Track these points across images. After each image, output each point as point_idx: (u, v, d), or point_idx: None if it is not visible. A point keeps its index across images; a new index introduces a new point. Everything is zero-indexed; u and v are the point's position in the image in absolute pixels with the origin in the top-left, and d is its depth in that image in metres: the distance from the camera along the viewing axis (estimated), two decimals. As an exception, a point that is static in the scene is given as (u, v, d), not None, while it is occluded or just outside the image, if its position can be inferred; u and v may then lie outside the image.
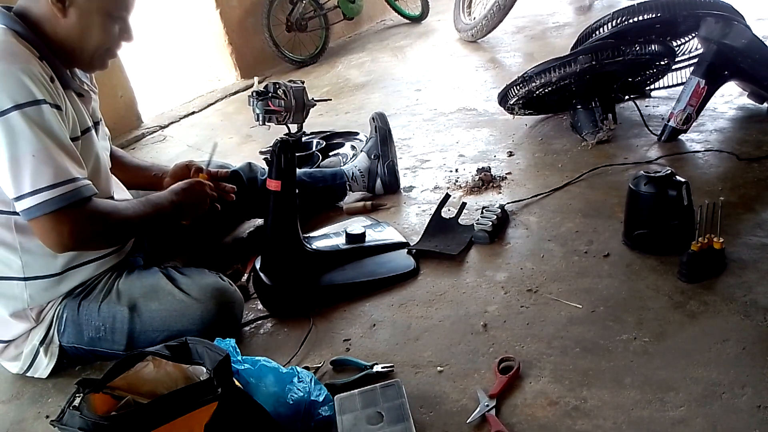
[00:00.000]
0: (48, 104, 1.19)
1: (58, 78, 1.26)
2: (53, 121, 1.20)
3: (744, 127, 2.07)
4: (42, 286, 1.37)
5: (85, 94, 1.39)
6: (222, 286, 1.45)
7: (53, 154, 1.18)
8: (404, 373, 1.26)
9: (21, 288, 1.36)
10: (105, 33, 1.30)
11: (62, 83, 1.28)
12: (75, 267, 1.39)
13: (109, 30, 1.31)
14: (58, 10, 1.24)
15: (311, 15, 4.29)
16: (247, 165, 1.89)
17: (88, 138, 1.35)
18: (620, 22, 2.12)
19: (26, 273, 1.35)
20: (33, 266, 1.34)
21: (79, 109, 1.34)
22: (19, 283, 1.36)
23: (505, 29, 3.86)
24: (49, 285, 1.37)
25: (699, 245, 1.33)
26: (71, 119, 1.29)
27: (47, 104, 1.19)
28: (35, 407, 1.39)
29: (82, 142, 1.32)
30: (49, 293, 1.38)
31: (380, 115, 2.10)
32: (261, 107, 1.42)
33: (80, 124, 1.33)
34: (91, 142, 1.37)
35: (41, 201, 1.17)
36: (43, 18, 1.26)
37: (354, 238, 1.67)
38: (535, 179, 1.98)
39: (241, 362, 1.12)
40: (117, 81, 3.38)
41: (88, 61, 1.33)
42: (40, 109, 1.17)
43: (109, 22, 1.30)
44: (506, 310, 1.39)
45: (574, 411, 1.09)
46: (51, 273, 1.36)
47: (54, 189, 1.18)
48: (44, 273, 1.36)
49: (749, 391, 1.06)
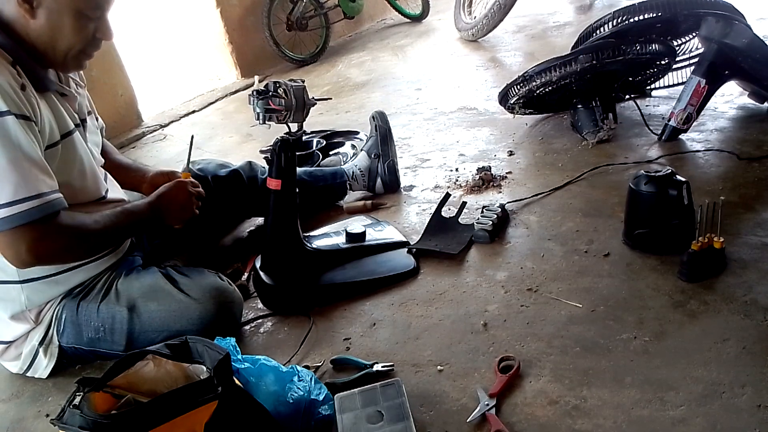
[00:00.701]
0: (13, 115, 1.14)
1: (33, 82, 1.21)
2: (19, 132, 1.14)
3: (744, 126, 2.07)
4: (38, 288, 1.36)
5: (68, 93, 1.35)
6: (221, 286, 1.45)
7: (16, 168, 1.14)
8: (404, 372, 1.26)
9: (18, 291, 1.36)
10: (77, 33, 1.24)
11: (39, 87, 1.24)
12: (72, 269, 1.38)
13: (82, 30, 1.24)
14: (26, 11, 1.19)
15: (312, 14, 4.29)
16: (247, 164, 1.89)
17: (70, 141, 1.31)
18: (621, 22, 2.12)
19: (21, 276, 1.34)
20: (28, 269, 1.33)
21: (60, 111, 1.30)
22: (15, 286, 1.35)
23: (505, 28, 3.86)
24: (45, 287, 1.37)
25: (699, 245, 1.33)
26: (48, 126, 1.24)
27: (12, 115, 1.14)
28: (35, 406, 1.39)
29: (63, 147, 1.28)
30: (46, 294, 1.38)
31: (380, 114, 2.10)
32: (261, 106, 1.41)
33: (60, 128, 1.28)
34: (74, 145, 1.32)
35: None
36: (13, 20, 1.20)
37: (354, 237, 1.67)
38: (535, 178, 1.98)
39: (241, 361, 1.12)
40: (117, 80, 3.38)
41: (62, 62, 1.27)
42: (3, 121, 1.13)
43: (81, 22, 1.24)
44: (506, 309, 1.39)
45: (574, 410, 1.09)
46: (46, 275, 1.36)
47: (13, 206, 1.14)
48: (39, 275, 1.35)
49: (749, 391, 1.06)
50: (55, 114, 1.28)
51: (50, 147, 1.25)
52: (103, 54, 3.27)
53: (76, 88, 1.41)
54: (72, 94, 1.37)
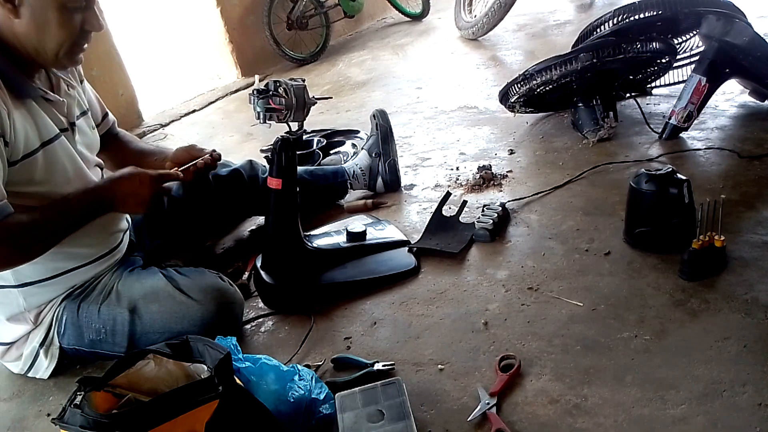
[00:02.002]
0: None
1: (11, 90, 1.20)
2: None
3: (745, 124, 2.07)
4: (36, 291, 1.36)
5: (54, 99, 1.31)
6: (222, 286, 1.45)
7: None
8: (405, 371, 1.26)
9: (15, 294, 1.35)
10: (64, 28, 1.21)
11: (19, 95, 1.22)
12: (67, 272, 1.38)
13: (68, 23, 1.21)
14: (9, 12, 1.17)
15: (312, 13, 4.28)
16: (248, 163, 1.89)
17: (52, 149, 1.28)
18: (621, 20, 2.12)
19: (17, 280, 1.34)
20: (23, 273, 1.33)
21: (42, 118, 1.27)
22: (12, 290, 1.35)
23: (506, 27, 3.85)
24: (42, 289, 1.37)
25: (700, 243, 1.33)
26: (22, 137, 1.21)
27: None
28: (36, 405, 1.39)
29: (43, 155, 1.26)
30: (44, 296, 1.38)
31: (381, 113, 2.10)
32: (262, 105, 1.42)
33: (41, 136, 1.26)
34: (56, 153, 1.29)
35: None
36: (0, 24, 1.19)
37: (355, 236, 1.67)
38: (536, 177, 1.98)
39: (242, 360, 1.12)
40: (118, 79, 3.38)
41: (54, 59, 1.25)
42: None
43: (66, 15, 1.20)
44: (507, 308, 1.39)
45: (574, 409, 1.09)
46: (42, 278, 1.35)
47: None
48: (35, 278, 1.35)
49: (750, 389, 1.06)
50: (36, 121, 1.25)
51: (27, 156, 1.23)
52: (104, 53, 3.28)
53: (67, 89, 1.38)
54: (58, 100, 1.33)
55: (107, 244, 1.45)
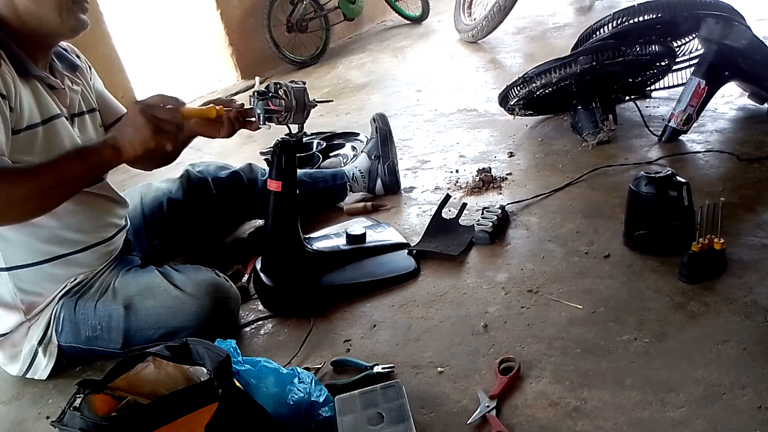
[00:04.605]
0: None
1: (15, 66, 1.22)
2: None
3: (744, 127, 2.07)
4: (25, 276, 1.36)
5: (57, 85, 1.35)
6: (217, 281, 1.45)
7: None
8: (405, 374, 1.26)
9: (5, 279, 1.36)
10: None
11: (21, 72, 1.24)
12: (57, 257, 1.37)
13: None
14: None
15: (312, 16, 4.29)
16: (247, 166, 1.89)
17: (53, 127, 1.31)
18: (621, 23, 2.12)
19: (7, 263, 1.34)
20: (12, 254, 1.33)
21: (43, 98, 1.30)
22: (2, 273, 1.35)
23: (505, 30, 3.86)
24: (32, 275, 1.36)
25: (699, 246, 1.33)
26: (27, 107, 1.24)
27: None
28: (36, 408, 1.39)
29: (45, 131, 1.28)
30: (35, 285, 1.37)
31: (381, 116, 2.10)
32: (261, 107, 1.41)
33: (42, 113, 1.29)
34: (57, 132, 1.31)
35: None
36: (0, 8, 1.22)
37: (354, 239, 1.67)
38: (535, 180, 1.98)
39: (241, 363, 1.12)
40: (118, 82, 3.38)
41: (59, 23, 1.26)
42: None
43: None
44: (507, 310, 1.39)
45: (574, 412, 1.09)
46: (32, 261, 1.35)
47: None
48: (25, 262, 1.35)
49: (750, 392, 1.06)
50: (37, 99, 1.28)
51: (30, 128, 1.25)
52: (104, 56, 3.29)
53: (71, 84, 1.41)
54: (60, 87, 1.36)
55: (99, 233, 1.44)
